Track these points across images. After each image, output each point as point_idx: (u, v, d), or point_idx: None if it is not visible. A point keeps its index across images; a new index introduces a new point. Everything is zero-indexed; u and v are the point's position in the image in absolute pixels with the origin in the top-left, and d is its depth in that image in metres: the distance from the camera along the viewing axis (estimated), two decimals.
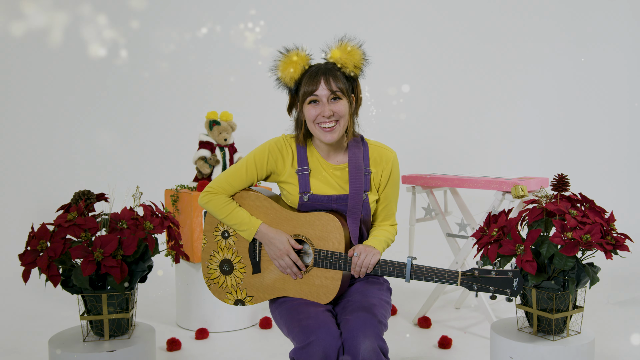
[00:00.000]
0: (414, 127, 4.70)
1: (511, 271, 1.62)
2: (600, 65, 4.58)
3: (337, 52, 1.76)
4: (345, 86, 1.75)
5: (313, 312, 1.68)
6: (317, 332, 1.59)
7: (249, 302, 1.86)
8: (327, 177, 1.83)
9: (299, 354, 1.60)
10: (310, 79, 1.73)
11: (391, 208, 1.91)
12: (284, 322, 1.74)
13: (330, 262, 1.75)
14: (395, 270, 1.71)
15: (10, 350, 2.80)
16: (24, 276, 1.85)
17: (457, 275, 1.65)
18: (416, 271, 1.68)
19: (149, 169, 4.42)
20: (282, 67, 1.78)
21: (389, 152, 1.86)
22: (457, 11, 4.71)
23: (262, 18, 4.61)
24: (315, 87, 1.72)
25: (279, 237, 1.78)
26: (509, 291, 1.61)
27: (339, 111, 1.73)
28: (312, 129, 1.77)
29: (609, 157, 4.57)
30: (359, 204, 1.79)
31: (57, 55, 4.36)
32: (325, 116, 1.72)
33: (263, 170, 1.83)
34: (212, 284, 1.91)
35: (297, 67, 1.76)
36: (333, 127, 1.74)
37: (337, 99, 1.73)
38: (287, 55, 1.78)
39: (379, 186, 1.86)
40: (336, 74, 1.74)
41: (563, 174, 1.98)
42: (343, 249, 1.74)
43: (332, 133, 1.74)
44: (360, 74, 1.80)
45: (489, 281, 1.63)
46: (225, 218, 1.82)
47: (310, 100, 1.74)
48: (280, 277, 1.82)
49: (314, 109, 1.74)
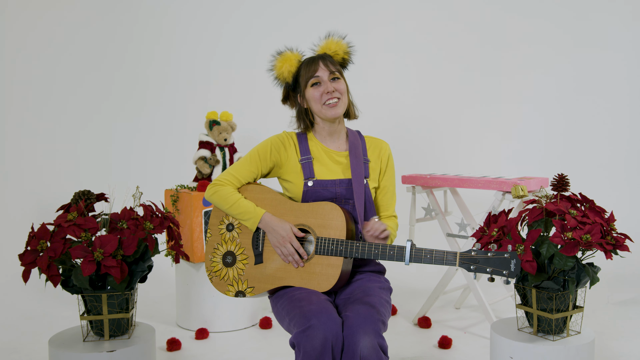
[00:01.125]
0: (414, 127, 4.70)
1: (508, 253, 1.64)
2: (600, 65, 4.58)
3: (326, 45, 1.95)
4: (340, 69, 1.92)
5: (315, 299, 1.70)
6: (318, 316, 1.61)
7: (249, 293, 1.88)
8: (330, 162, 1.92)
9: (300, 337, 1.60)
10: (309, 64, 1.90)
11: (390, 197, 1.99)
12: (286, 312, 1.74)
13: (332, 249, 1.77)
14: (395, 253, 1.74)
15: (10, 350, 2.80)
16: (24, 276, 1.85)
17: (456, 257, 1.67)
18: (416, 253, 1.71)
19: (149, 169, 4.42)
20: (278, 65, 1.94)
21: (383, 142, 2.02)
22: (457, 12, 4.72)
23: (262, 18, 4.61)
24: (315, 68, 1.88)
25: (282, 225, 1.83)
26: (506, 272, 1.63)
27: (340, 88, 1.89)
28: (318, 110, 1.89)
29: (609, 157, 4.57)
30: (362, 188, 1.88)
31: (58, 55, 4.36)
32: (329, 91, 1.86)
33: (267, 161, 1.92)
34: (214, 276, 1.93)
35: (292, 62, 1.93)
36: (337, 102, 1.88)
37: (336, 78, 1.89)
38: (280, 54, 1.95)
39: (378, 173, 1.96)
40: (331, 58, 1.92)
41: (563, 174, 1.98)
42: (344, 236, 1.77)
43: (337, 108, 1.88)
44: (349, 63, 1.99)
45: (487, 262, 1.65)
46: (230, 208, 1.88)
47: (313, 82, 1.88)
48: (281, 267, 1.84)
49: (317, 90, 1.88)
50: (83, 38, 4.42)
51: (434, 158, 4.67)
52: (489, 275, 1.66)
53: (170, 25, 4.56)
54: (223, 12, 4.60)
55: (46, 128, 4.34)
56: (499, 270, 1.64)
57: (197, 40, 4.58)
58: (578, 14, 4.60)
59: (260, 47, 4.51)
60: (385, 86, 4.66)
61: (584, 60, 4.61)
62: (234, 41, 4.61)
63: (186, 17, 4.57)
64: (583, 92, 4.62)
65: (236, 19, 4.61)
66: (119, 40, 4.49)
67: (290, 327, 1.71)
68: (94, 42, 4.45)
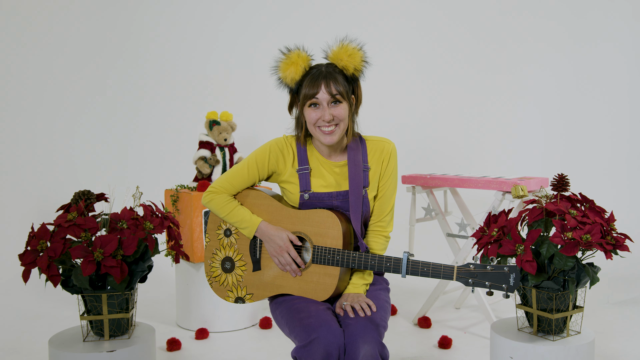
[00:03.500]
0: (414, 127, 4.70)
1: (508, 266, 1.62)
2: (600, 65, 4.58)
3: (338, 54, 1.77)
4: (345, 89, 1.76)
5: (314, 310, 1.68)
6: (318, 330, 1.60)
7: (248, 299, 1.88)
8: (327, 174, 1.85)
9: (301, 352, 1.60)
10: (311, 82, 1.74)
11: (386, 205, 1.88)
12: (285, 322, 1.74)
13: (328, 258, 1.76)
14: (391, 265, 1.71)
15: (10, 350, 2.80)
16: (24, 276, 1.85)
17: (453, 270, 1.65)
18: (412, 266, 1.69)
19: (149, 169, 4.42)
20: (283, 68, 1.79)
21: (386, 143, 1.88)
22: (457, 11, 4.71)
23: (262, 18, 4.61)
24: (316, 90, 1.73)
25: (279, 234, 1.80)
26: (505, 287, 1.61)
27: (339, 115, 1.75)
28: (313, 131, 1.79)
29: (609, 157, 4.57)
30: (359, 199, 1.80)
31: (57, 54, 4.36)
32: (325, 120, 1.74)
33: (264, 170, 1.85)
34: (214, 282, 1.93)
35: (298, 68, 1.77)
36: (333, 130, 1.76)
37: (337, 102, 1.75)
38: (288, 55, 1.79)
39: (378, 180, 1.86)
40: (336, 77, 1.75)
41: (563, 174, 1.98)
42: (341, 245, 1.75)
43: (332, 136, 1.76)
44: (361, 75, 1.81)
45: (485, 276, 1.63)
46: (226, 216, 1.85)
47: (311, 103, 1.75)
48: (279, 275, 1.84)
49: (315, 113, 1.75)
50: (81, 37, 4.41)
51: (434, 158, 4.67)
52: (487, 289, 1.64)
53: (170, 25, 4.56)
54: (221, 9, 4.59)
55: (46, 128, 4.34)
56: (498, 284, 1.61)
57: (197, 39, 4.58)
58: (579, 13, 4.60)
59: (260, 47, 4.51)
60: (385, 86, 4.66)
61: (585, 60, 4.61)
62: (234, 40, 4.60)
63: (184, 15, 4.57)
64: (583, 91, 4.62)
65: (235, 16, 4.60)
66: (117, 40, 4.49)
67: (290, 337, 1.71)
68: (93, 41, 4.44)
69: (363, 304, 1.71)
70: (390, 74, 4.69)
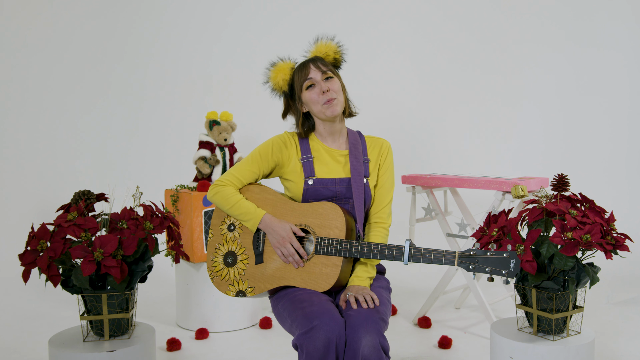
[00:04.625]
0: (414, 127, 4.70)
1: (508, 252, 1.65)
2: (600, 65, 4.58)
3: (317, 49, 1.99)
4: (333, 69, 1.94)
5: (316, 300, 1.70)
6: (320, 318, 1.61)
7: (250, 293, 1.89)
8: (331, 161, 1.93)
9: (302, 338, 1.61)
10: (301, 68, 1.92)
11: (385, 196, 1.96)
12: (287, 313, 1.75)
13: (331, 248, 1.78)
14: (394, 253, 1.75)
15: (10, 350, 2.80)
16: (24, 276, 1.85)
17: (455, 256, 1.68)
18: (414, 253, 1.72)
19: (149, 169, 4.42)
20: (272, 76, 1.98)
21: (384, 140, 2.03)
22: (456, 11, 4.71)
23: (262, 19, 4.61)
24: (307, 71, 1.90)
25: (282, 225, 1.84)
26: (505, 272, 1.64)
27: (334, 87, 1.90)
28: (317, 110, 1.90)
29: (609, 157, 4.57)
30: (362, 187, 1.88)
31: (58, 55, 4.36)
32: (324, 91, 1.88)
33: (268, 161, 1.93)
34: (216, 276, 1.95)
35: (286, 70, 1.97)
36: (334, 99, 1.89)
37: (330, 77, 1.91)
38: (274, 65, 1.99)
39: (378, 169, 1.97)
40: (322, 60, 1.95)
41: (563, 174, 1.98)
42: (344, 235, 1.78)
43: (334, 106, 1.89)
44: (342, 61, 2.01)
45: (486, 261, 1.66)
46: (230, 208, 1.90)
47: (307, 85, 1.90)
48: (281, 267, 1.85)
49: (313, 91, 1.90)
50: (82, 38, 4.41)
51: (434, 158, 4.67)
52: (488, 275, 1.66)
53: (170, 25, 4.56)
54: (222, 9, 4.60)
55: (46, 128, 4.34)
56: (498, 269, 1.65)
57: (197, 39, 4.58)
58: (579, 13, 4.60)
59: (259, 46, 4.51)
60: (384, 86, 4.66)
61: (585, 60, 4.61)
62: (234, 40, 4.61)
63: (184, 16, 4.57)
64: (583, 91, 4.62)
65: (236, 16, 4.60)
66: (118, 41, 4.49)
67: (292, 328, 1.72)
68: (93, 41, 4.44)
69: (367, 296, 1.73)
70: (390, 74, 4.69)
